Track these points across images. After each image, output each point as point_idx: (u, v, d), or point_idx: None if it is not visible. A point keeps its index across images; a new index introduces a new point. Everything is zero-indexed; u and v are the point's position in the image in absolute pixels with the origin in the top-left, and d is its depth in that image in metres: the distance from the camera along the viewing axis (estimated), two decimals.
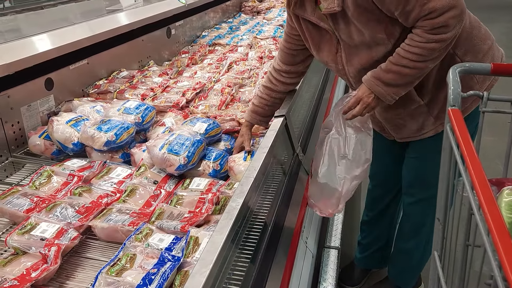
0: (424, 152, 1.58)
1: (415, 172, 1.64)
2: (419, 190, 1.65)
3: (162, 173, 1.50)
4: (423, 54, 1.26)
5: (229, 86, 2.22)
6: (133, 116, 1.69)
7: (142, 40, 2.61)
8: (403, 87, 1.35)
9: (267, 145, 1.16)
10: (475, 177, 0.61)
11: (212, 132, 1.65)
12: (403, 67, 1.29)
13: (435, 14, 1.20)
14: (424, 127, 1.52)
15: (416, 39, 1.25)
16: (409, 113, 1.50)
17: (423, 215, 1.66)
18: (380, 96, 1.36)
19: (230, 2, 4.32)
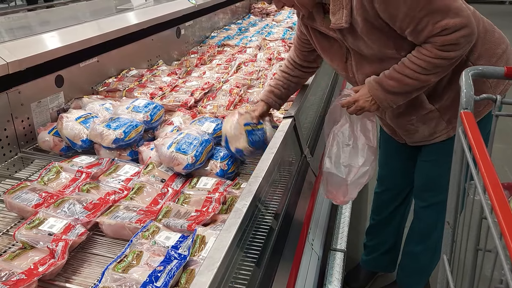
0: (437, 155, 1.58)
1: (427, 175, 1.64)
2: (431, 194, 1.64)
3: (170, 171, 1.51)
4: (427, 68, 1.27)
5: (238, 86, 2.22)
6: (141, 115, 1.69)
7: (152, 40, 2.62)
8: (402, 96, 1.36)
9: (275, 145, 1.15)
10: (488, 180, 0.60)
11: (220, 132, 1.65)
12: (405, 77, 1.30)
13: (447, 32, 1.20)
14: (436, 131, 1.52)
15: (424, 53, 1.26)
16: (420, 119, 1.50)
17: (434, 219, 1.65)
18: (378, 101, 1.37)
19: (240, 3, 4.33)
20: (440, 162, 1.56)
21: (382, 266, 2.06)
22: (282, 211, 1.25)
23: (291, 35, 3.40)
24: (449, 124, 1.49)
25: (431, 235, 1.70)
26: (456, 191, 0.73)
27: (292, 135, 1.39)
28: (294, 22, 3.90)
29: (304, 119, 1.67)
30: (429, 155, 1.60)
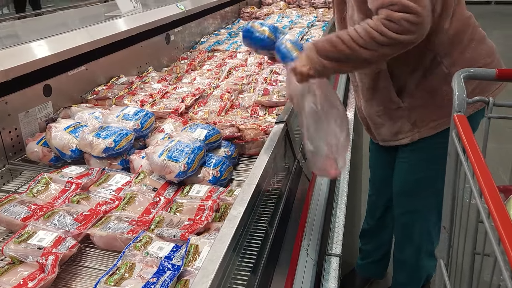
0: (408, 159, 1.59)
1: (401, 180, 1.65)
2: (405, 200, 1.66)
3: (162, 180, 1.49)
4: (363, 38, 1.23)
5: (229, 92, 2.20)
6: (132, 123, 1.67)
7: (141, 46, 2.60)
8: (333, 63, 1.30)
9: (268, 152, 1.14)
10: (484, 184, 0.59)
11: (212, 138, 1.64)
12: (340, 42, 1.26)
13: (395, 8, 1.17)
14: (401, 131, 1.52)
15: (367, 21, 1.23)
16: (387, 113, 1.51)
17: (411, 225, 1.67)
18: (311, 63, 1.31)
19: (229, 8, 4.32)
20: (413, 167, 1.58)
21: (376, 272, 2.05)
22: (276, 217, 1.23)
23: None
24: (414, 127, 1.49)
25: (412, 241, 1.71)
26: (451, 195, 0.72)
27: (285, 141, 1.38)
28: (284, 26, 3.90)
29: (295, 122, 1.66)
30: (402, 159, 1.61)
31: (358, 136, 3.02)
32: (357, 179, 2.88)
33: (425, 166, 1.54)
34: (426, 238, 1.68)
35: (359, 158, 3.17)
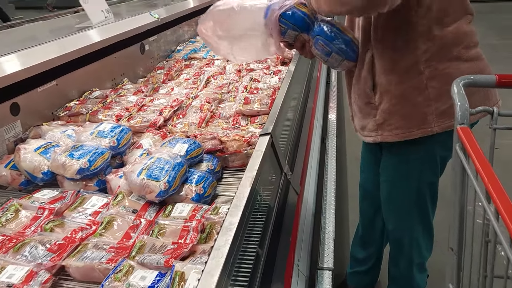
0: (387, 164, 1.56)
1: (384, 193, 1.62)
2: (392, 214, 1.63)
3: (142, 200, 1.40)
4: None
5: (208, 102, 2.13)
6: (107, 140, 1.58)
7: (115, 57, 2.50)
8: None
9: (254, 168, 1.07)
10: (501, 205, 0.53)
11: (194, 153, 1.56)
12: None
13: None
14: (366, 128, 1.49)
15: None
16: (360, 105, 1.47)
17: (402, 239, 1.64)
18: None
19: None
20: (389, 172, 1.55)
21: (368, 282, 2.01)
22: (266, 238, 1.16)
23: None
24: (378, 128, 1.45)
25: (404, 255, 1.68)
26: (459, 215, 0.66)
27: (270, 154, 1.31)
28: None
29: (280, 132, 1.59)
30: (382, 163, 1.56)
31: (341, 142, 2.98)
32: (343, 183, 2.84)
33: (399, 172, 1.51)
34: (417, 251, 1.64)
35: (343, 162, 3.14)
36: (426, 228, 1.62)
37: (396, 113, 1.38)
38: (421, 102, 1.35)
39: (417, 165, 1.47)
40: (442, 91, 1.34)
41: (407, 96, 1.36)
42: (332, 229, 1.69)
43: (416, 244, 1.63)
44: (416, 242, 1.62)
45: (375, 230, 1.85)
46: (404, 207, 1.57)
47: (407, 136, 1.40)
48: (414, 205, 1.55)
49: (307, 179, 1.76)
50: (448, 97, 1.32)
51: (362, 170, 1.83)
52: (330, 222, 1.72)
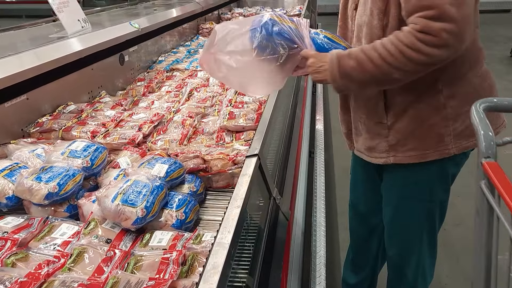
0: (393, 185, 1.46)
1: (389, 216, 1.52)
2: (397, 240, 1.53)
3: (116, 228, 1.27)
4: (395, 56, 1.11)
5: (191, 116, 2.02)
6: (80, 160, 1.45)
7: (92, 69, 2.37)
8: (356, 84, 1.20)
9: (241, 195, 0.96)
10: None
11: (174, 174, 1.44)
12: (368, 60, 1.14)
13: (433, 13, 1.04)
14: (376, 149, 1.39)
15: (399, 36, 1.11)
16: (368, 125, 1.38)
17: (405, 264, 1.54)
18: (330, 77, 1.22)
19: (187, 24, 4.14)
20: (399, 195, 1.46)
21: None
22: (256, 271, 1.05)
23: None
24: (390, 150, 1.36)
25: (406, 281, 1.57)
26: (485, 263, 0.56)
27: (258, 177, 1.21)
28: None
29: (268, 150, 1.49)
30: (386, 183, 1.48)
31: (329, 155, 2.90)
32: (332, 199, 2.75)
33: (407, 193, 1.42)
34: (422, 278, 1.54)
35: (331, 177, 3.05)
36: (432, 251, 1.53)
37: (411, 134, 1.29)
38: (438, 122, 1.27)
39: (428, 185, 1.38)
40: (461, 111, 1.28)
41: (424, 116, 1.28)
42: (323, 253, 1.59)
43: (422, 270, 1.53)
44: (422, 269, 1.53)
45: (368, 253, 1.75)
46: (413, 231, 1.47)
47: (423, 158, 1.32)
48: (424, 228, 1.45)
49: (297, 199, 1.66)
50: (466, 117, 1.26)
51: (353, 189, 1.73)
52: (321, 245, 1.62)
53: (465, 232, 2.68)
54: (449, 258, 1.65)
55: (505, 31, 9.17)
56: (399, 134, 1.31)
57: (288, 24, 1.29)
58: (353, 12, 1.34)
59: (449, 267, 2.35)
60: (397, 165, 1.36)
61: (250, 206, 1.15)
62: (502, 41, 8.00)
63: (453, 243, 1.49)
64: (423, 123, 1.28)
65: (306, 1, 5.76)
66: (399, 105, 1.28)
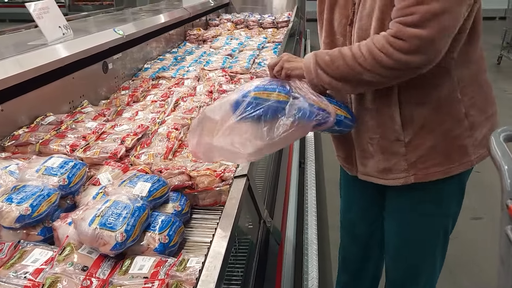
0: (403, 206, 1.38)
1: (395, 241, 1.44)
2: (403, 265, 1.45)
3: (94, 253, 1.18)
4: (366, 58, 1.09)
5: (176, 128, 1.93)
6: (56, 178, 1.36)
7: (73, 78, 2.27)
8: (328, 78, 1.17)
9: (230, 221, 0.88)
10: None
11: (158, 193, 1.35)
12: (341, 58, 1.14)
13: (410, 19, 1.02)
14: (392, 169, 1.30)
15: (374, 40, 1.09)
16: (383, 145, 1.29)
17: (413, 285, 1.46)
18: (305, 67, 1.20)
19: (174, 31, 4.06)
20: (409, 218, 1.37)
21: None
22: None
23: (231, 64, 3.17)
24: (410, 168, 1.28)
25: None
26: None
27: (247, 199, 1.13)
28: (233, 49, 3.69)
29: (256, 169, 1.41)
30: (393, 206, 1.40)
31: (319, 165, 2.83)
32: (323, 214, 2.68)
33: (421, 212, 1.34)
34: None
35: (322, 190, 2.98)
36: (441, 267, 1.46)
37: (433, 149, 1.23)
38: (461, 133, 1.21)
39: (446, 200, 1.31)
40: (480, 120, 1.24)
41: (445, 128, 1.22)
42: (315, 275, 1.51)
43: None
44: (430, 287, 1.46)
45: (365, 277, 1.67)
46: (426, 249, 1.39)
47: (447, 173, 1.25)
48: (438, 244, 1.38)
49: (288, 216, 1.58)
50: (483, 126, 1.22)
51: (346, 209, 1.64)
52: (313, 265, 1.55)
53: (460, 246, 2.62)
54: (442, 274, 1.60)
55: (491, 38, 9.24)
56: (420, 150, 1.24)
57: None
58: (347, 28, 1.27)
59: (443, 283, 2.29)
60: (414, 183, 1.29)
61: (239, 231, 1.07)
62: (489, 49, 8.05)
63: (447, 258, 1.43)
64: (446, 136, 1.22)
65: (295, 8, 5.72)
66: (417, 118, 1.22)
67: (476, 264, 2.48)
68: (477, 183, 3.25)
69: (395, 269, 1.50)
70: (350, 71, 1.11)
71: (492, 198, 3.15)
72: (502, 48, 7.44)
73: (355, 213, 1.61)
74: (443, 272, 1.48)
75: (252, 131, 1.15)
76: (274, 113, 1.16)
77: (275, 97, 1.18)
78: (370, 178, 1.37)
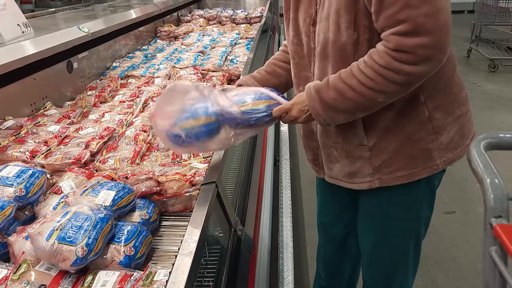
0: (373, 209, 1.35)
1: (368, 245, 1.42)
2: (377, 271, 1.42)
3: (53, 270, 1.10)
4: (375, 80, 1.02)
5: (145, 131, 1.85)
6: (12, 189, 1.26)
7: (34, 79, 2.16)
8: (342, 114, 1.11)
9: (194, 237, 0.82)
10: None
11: (123, 201, 1.28)
12: (349, 88, 1.06)
13: (406, 28, 0.95)
14: (357, 174, 1.27)
15: (375, 58, 1.02)
16: (347, 149, 1.25)
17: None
18: (314, 114, 1.13)
19: (144, 27, 3.94)
20: (379, 220, 1.34)
21: None
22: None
23: (203, 61, 3.09)
24: (375, 172, 1.25)
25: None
26: None
27: (216, 207, 1.07)
28: (205, 45, 3.61)
29: (226, 172, 1.35)
30: (363, 210, 1.37)
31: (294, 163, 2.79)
32: (299, 213, 2.64)
33: (391, 216, 1.31)
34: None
35: (298, 189, 2.94)
36: (415, 271, 1.44)
37: (397, 152, 1.19)
38: (425, 137, 1.17)
39: (415, 204, 1.28)
40: (445, 123, 1.20)
41: (409, 132, 1.18)
42: (291, 279, 1.46)
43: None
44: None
45: (341, 278, 1.64)
46: (399, 254, 1.37)
47: (412, 177, 1.21)
48: (410, 249, 1.35)
49: (262, 220, 1.53)
50: (450, 129, 1.18)
51: (323, 212, 1.61)
52: (288, 269, 1.50)
53: (435, 241, 2.63)
54: (420, 272, 1.59)
55: (460, 31, 9.39)
56: (383, 154, 1.21)
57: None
58: (310, 27, 1.22)
59: (421, 282, 2.29)
60: (381, 187, 1.25)
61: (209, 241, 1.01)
62: (458, 42, 8.19)
63: (424, 255, 1.41)
64: (409, 139, 1.18)
65: (268, 3, 5.66)
66: (380, 122, 1.18)
67: (453, 259, 2.49)
68: (448, 177, 3.29)
69: (369, 272, 1.48)
70: (363, 100, 1.04)
71: (463, 192, 3.18)
72: (471, 41, 7.56)
73: (329, 215, 1.58)
74: (420, 269, 1.45)
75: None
76: (209, 134, 1.19)
77: (204, 121, 1.18)
78: (337, 182, 1.35)
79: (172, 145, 1.26)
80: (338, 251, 1.60)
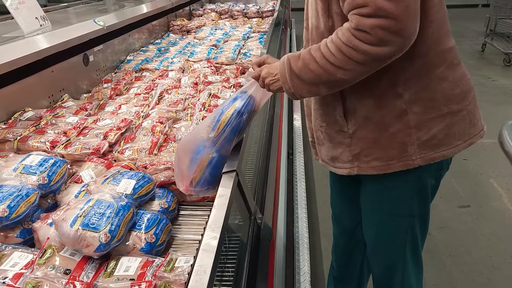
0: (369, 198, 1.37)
1: (369, 232, 1.43)
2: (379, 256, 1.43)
3: (77, 255, 1.12)
4: (335, 55, 1.04)
5: (161, 122, 1.87)
6: (35, 177, 1.29)
7: (52, 71, 2.19)
8: (306, 86, 1.13)
9: (218, 223, 0.83)
10: None
11: (143, 190, 1.30)
12: (313, 60, 1.09)
13: (367, 11, 0.96)
14: (338, 159, 1.30)
15: (339, 34, 1.04)
16: (329, 133, 1.29)
17: (390, 281, 1.44)
18: (281, 80, 1.17)
19: (157, 21, 3.97)
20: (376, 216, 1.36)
21: None
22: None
23: (217, 55, 3.10)
24: (355, 159, 1.26)
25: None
26: None
27: (237, 196, 1.08)
28: (218, 39, 3.62)
29: (246, 163, 1.36)
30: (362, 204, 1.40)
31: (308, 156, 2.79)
32: (313, 206, 2.65)
33: (384, 209, 1.33)
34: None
35: (311, 181, 2.95)
36: (417, 267, 1.44)
37: (374, 142, 1.20)
38: (401, 130, 1.17)
39: (406, 199, 1.29)
40: (425, 119, 1.18)
41: (385, 123, 1.18)
42: (307, 269, 1.47)
43: (407, 284, 1.44)
44: (408, 286, 1.43)
45: (352, 267, 1.66)
46: (396, 249, 1.38)
47: (386, 169, 1.22)
48: (407, 244, 1.36)
49: (279, 210, 1.54)
50: (432, 125, 1.17)
51: (334, 204, 1.62)
52: (304, 259, 1.51)
53: (449, 235, 2.62)
54: (435, 265, 1.59)
55: (475, 25, 9.30)
56: (362, 143, 1.22)
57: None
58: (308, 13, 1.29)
59: (436, 274, 2.29)
60: (371, 178, 1.27)
61: (229, 229, 1.03)
62: (473, 36, 8.10)
63: (438, 248, 1.41)
64: (386, 130, 1.18)
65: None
66: (359, 111, 1.19)
67: (467, 253, 2.48)
68: (463, 171, 3.26)
69: (374, 264, 1.49)
70: (324, 73, 1.06)
71: (478, 186, 3.16)
72: (486, 35, 7.47)
73: (340, 207, 1.60)
74: (435, 262, 1.45)
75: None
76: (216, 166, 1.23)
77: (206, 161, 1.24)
78: (325, 165, 1.40)
79: (205, 192, 1.28)
80: (349, 242, 1.62)
